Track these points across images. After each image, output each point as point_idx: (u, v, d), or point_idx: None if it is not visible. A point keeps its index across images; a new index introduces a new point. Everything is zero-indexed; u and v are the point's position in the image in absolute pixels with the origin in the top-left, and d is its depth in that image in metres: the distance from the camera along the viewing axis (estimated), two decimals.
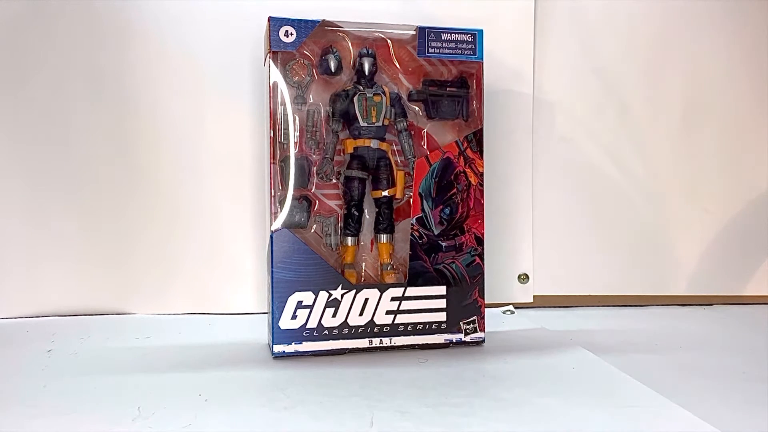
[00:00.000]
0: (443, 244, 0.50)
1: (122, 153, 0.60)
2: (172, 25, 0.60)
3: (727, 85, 0.70)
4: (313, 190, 0.49)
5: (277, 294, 0.46)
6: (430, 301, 0.49)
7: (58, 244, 0.60)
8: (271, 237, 0.47)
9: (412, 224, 0.49)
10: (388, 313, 0.48)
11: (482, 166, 0.51)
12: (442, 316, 0.49)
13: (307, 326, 0.47)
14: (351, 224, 0.49)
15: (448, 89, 0.51)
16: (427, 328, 0.49)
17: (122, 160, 0.60)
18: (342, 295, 0.47)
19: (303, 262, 0.47)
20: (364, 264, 0.51)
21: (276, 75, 0.47)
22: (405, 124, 0.50)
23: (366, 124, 0.48)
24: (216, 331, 0.56)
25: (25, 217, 0.59)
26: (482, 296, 0.50)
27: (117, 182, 0.60)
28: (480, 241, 0.50)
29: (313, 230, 0.49)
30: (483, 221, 0.51)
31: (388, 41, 0.50)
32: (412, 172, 0.50)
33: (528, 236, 0.66)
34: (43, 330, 0.55)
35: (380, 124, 0.49)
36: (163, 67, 0.60)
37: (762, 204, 0.71)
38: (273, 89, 0.47)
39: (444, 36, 0.50)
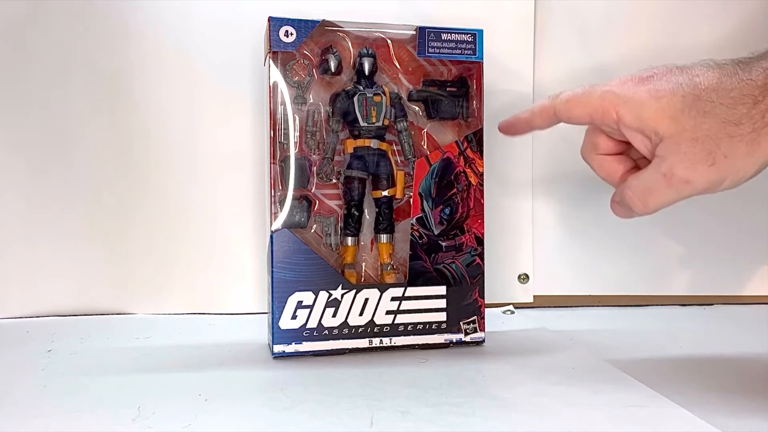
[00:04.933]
0: (443, 244, 0.50)
1: (122, 154, 0.60)
2: (172, 25, 0.60)
3: None
4: (313, 190, 0.49)
5: (277, 294, 0.46)
6: (430, 301, 0.49)
7: (58, 244, 0.60)
8: (271, 237, 0.47)
9: (412, 224, 0.49)
10: (388, 313, 0.48)
11: (482, 166, 0.51)
12: (442, 316, 0.49)
13: (307, 326, 0.47)
14: (351, 224, 0.49)
15: (448, 89, 0.51)
16: (427, 328, 0.49)
17: (122, 162, 0.60)
18: (342, 295, 0.47)
19: (303, 262, 0.47)
20: (364, 264, 0.51)
21: (276, 75, 0.47)
22: (405, 124, 0.50)
23: (366, 124, 0.48)
24: (216, 331, 0.56)
25: (25, 217, 0.59)
26: (482, 296, 0.50)
27: (117, 183, 0.60)
28: (480, 241, 0.50)
29: (313, 230, 0.49)
30: (483, 221, 0.51)
31: (388, 41, 0.50)
32: (412, 172, 0.50)
33: (528, 236, 0.66)
34: (43, 330, 0.55)
35: (380, 124, 0.49)
36: (163, 66, 0.60)
37: (762, 204, 0.71)
38: (273, 89, 0.47)
39: (444, 36, 0.50)
